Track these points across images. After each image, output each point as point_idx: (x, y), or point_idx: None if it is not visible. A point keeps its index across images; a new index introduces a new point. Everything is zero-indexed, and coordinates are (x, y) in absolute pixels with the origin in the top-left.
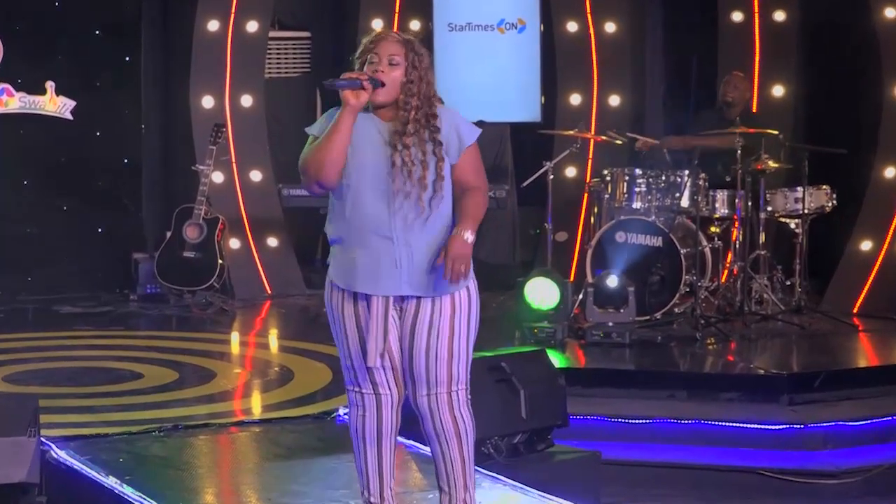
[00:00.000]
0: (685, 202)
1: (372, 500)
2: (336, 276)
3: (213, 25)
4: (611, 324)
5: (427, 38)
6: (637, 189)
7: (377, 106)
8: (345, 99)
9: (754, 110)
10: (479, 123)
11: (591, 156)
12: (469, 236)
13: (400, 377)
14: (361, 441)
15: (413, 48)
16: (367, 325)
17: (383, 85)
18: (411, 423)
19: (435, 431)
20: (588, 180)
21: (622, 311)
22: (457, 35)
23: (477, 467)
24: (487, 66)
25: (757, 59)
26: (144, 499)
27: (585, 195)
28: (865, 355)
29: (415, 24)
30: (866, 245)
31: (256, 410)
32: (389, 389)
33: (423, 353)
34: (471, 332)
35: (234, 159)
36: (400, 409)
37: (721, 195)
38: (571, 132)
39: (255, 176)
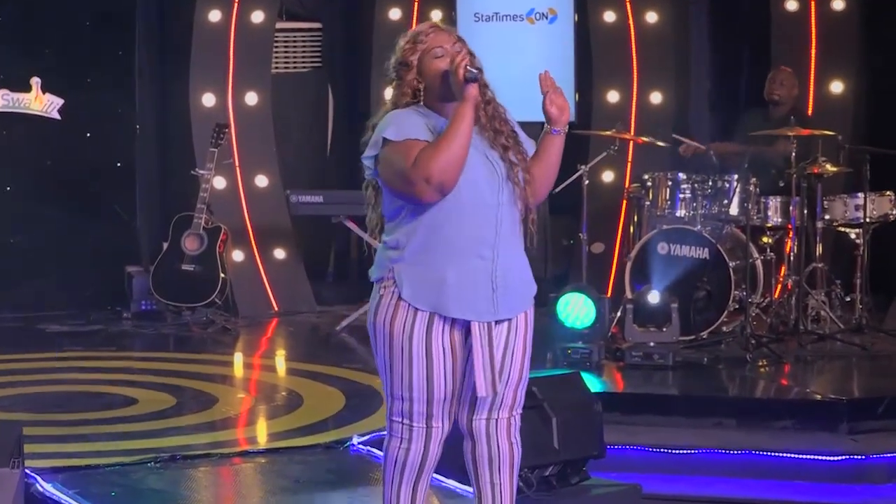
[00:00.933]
0: (734, 210)
1: None
2: (415, 297)
3: (215, 16)
4: (652, 344)
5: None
6: (681, 195)
7: (442, 104)
8: (468, 92)
9: (810, 108)
10: None
11: (630, 159)
12: None
13: (455, 406)
14: (399, 475)
15: (458, 36)
16: (443, 355)
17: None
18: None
19: (489, 457)
20: (627, 186)
21: (665, 329)
22: (482, 26)
23: None
24: (516, 60)
25: (813, 51)
26: None
27: (624, 202)
28: None
29: (436, 14)
30: None
31: (262, 439)
32: (442, 422)
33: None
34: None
35: (237, 163)
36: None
37: (774, 202)
38: (608, 133)
39: (261, 181)
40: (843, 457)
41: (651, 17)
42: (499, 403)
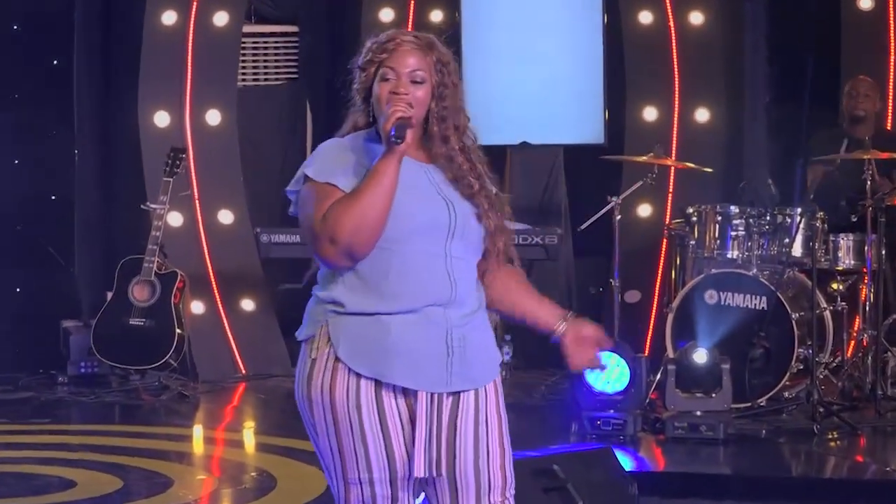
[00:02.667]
0: (798, 250)
1: None
2: (353, 358)
3: (169, 17)
4: (699, 413)
5: (453, 34)
6: (733, 233)
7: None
8: (394, 147)
9: (888, 127)
10: (523, 146)
11: (671, 189)
12: None
13: (437, 495)
14: None
15: (439, 56)
16: (399, 425)
17: (411, 122)
18: None
19: None
20: (667, 221)
21: (714, 395)
22: (492, 31)
23: None
24: (533, 72)
25: (893, 58)
26: None
27: (664, 241)
28: None
29: (436, 15)
30: None
31: None
32: None
33: (471, 452)
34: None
35: (196, 195)
36: None
37: (845, 241)
38: (645, 158)
39: (225, 217)
40: None
41: (696, 17)
42: (486, 485)
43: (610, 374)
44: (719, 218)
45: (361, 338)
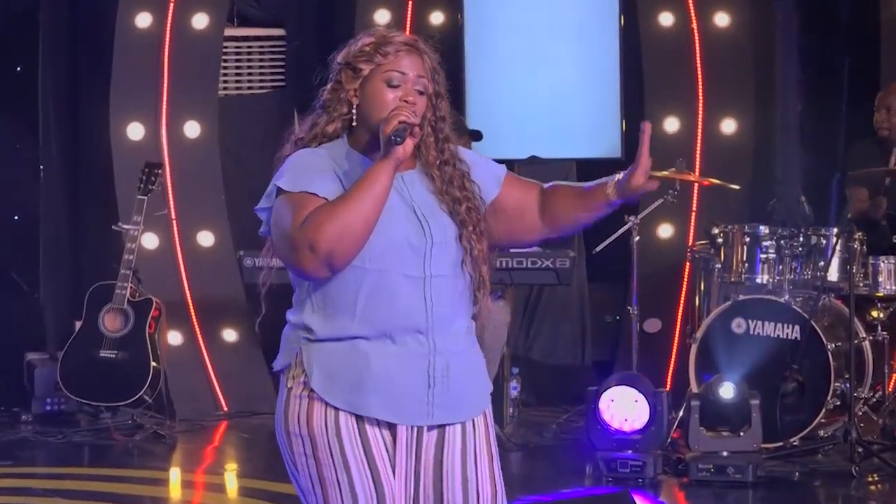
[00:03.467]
0: (834, 275)
1: None
2: (327, 389)
3: (144, 20)
4: (726, 453)
5: (455, 38)
6: (763, 256)
7: (373, 145)
8: (393, 151)
9: None
10: (532, 161)
11: (694, 207)
12: None
13: None
14: None
15: (432, 61)
16: (384, 453)
17: (414, 126)
18: None
19: None
20: (691, 243)
21: (742, 434)
22: (497, 36)
23: None
24: (543, 79)
25: None
26: None
27: (687, 265)
28: None
29: (437, 17)
30: None
31: None
32: None
33: (460, 493)
34: None
35: (174, 215)
36: None
37: (886, 264)
38: (666, 173)
39: (205, 239)
40: None
41: (721, 18)
42: None
43: (628, 412)
44: (747, 239)
45: (335, 367)
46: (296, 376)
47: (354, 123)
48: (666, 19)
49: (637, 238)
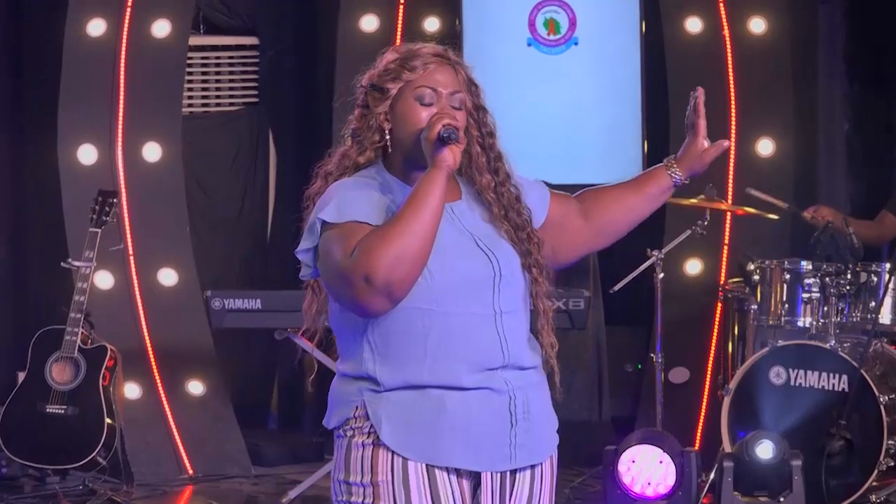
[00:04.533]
0: (887, 317)
1: None
2: (400, 441)
3: (97, 28)
4: None
5: (453, 48)
6: (805, 295)
7: (411, 169)
8: (441, 155)
9: None
10: None
11: (726, 240)
12: None
13: None
14: None
15: (467, 73)
16: None
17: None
18: None
19: None
20: (723, 281)
21: (782, 500)
22: (498, 48)
23: None
24: (553, 94)
25: None
26: None
27: (718, 306)
28: None
29: (432, 23)
30: None
31: None
32: None
33: None
34: None
35: (131, 250)
36: None
37: None
38: (694, 201)
39: (167, 277)
40: None
41: (757, 24)
42: None
43: (651, 474)
44: (788, 276)
45: (409, 417)
46: (358, 427)
47: (389, 150)
48: (693, 25)
49: (661, 275)
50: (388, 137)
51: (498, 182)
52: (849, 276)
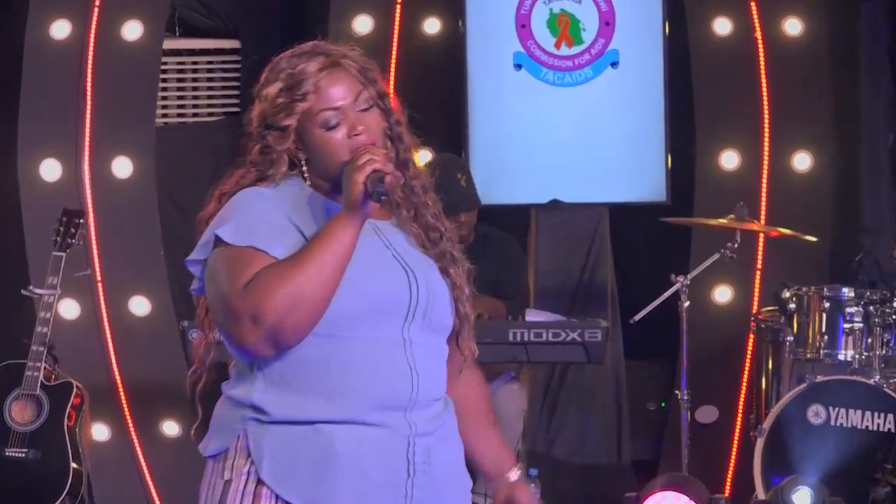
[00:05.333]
0: None
1: None
2: (280, 481)
3: (61, 30)
4: None
5: (455, 52)
6: (847, 325)
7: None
8: (364, 208)
9: None
10: (553, 206)
11: (759, 265)
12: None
13: None
14: None
15: (362, 65)
16: None
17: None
18: None
19: None
20: (755, 310)
21: None
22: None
23: None
24: (566, 103)
25: None
26: None
27: (750, 338)
28: None
29: (432, 25)
30: None
31: None
32: None
33: None
34: None
35: (99, 276)
36: None
37: None
38: (723, 221)
39: (139, 306)
40: None
41: (792, 25)
42: None
43: None
44: (827, 304)
45: (294, 454)
46: (237, 465)
47: (306, 177)
48: (722, 26)
49: (687, 303)
50: (304, 168)
51: (407, 177)
52: (895, 304)
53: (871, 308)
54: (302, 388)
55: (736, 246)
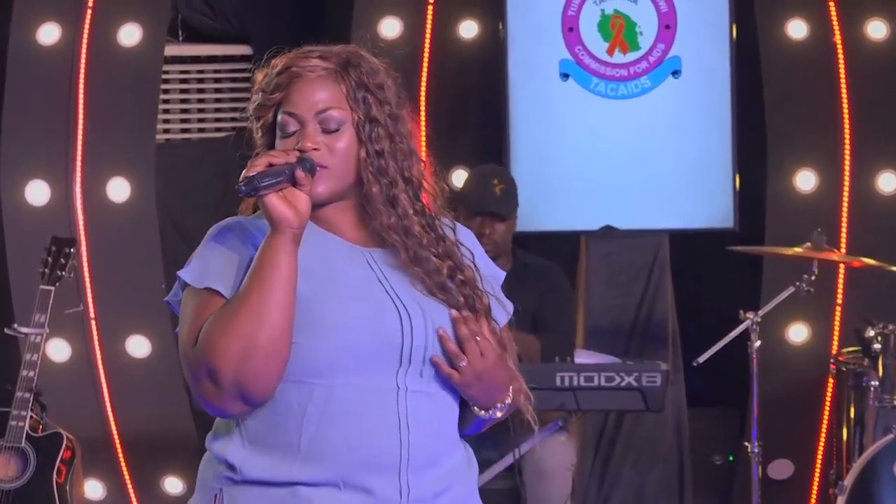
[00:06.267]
0: None
1: None
2: None
3: (49, 34)
4: None
5: (494, 58)
6: None
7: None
8: (273, 210)
9: None
10: (606, 233)
11: (839, 299)
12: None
13: None
14: None
15: (359, 75)
16: None
17: (324, 167)
18: None
19: None
20: (835, 351)
21: None
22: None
23: None
24: (620, 117)
25: None
26: None
27: (830, 382)
28: None
29: (468, 28)
30: None
31: None
32: None
33: None
34: None
35: (92, 314)
36: None
37: None
38: (798, 250)
39: (138, 347)
40: None
41: (876, 29)
42: None
43: None
44: None
45: None
46: None
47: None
48: (797, 30)
49: (758, 343)
50: None
51: (398, 216)
52: None
53: None
54: (278, 445)
55: (813, 278)
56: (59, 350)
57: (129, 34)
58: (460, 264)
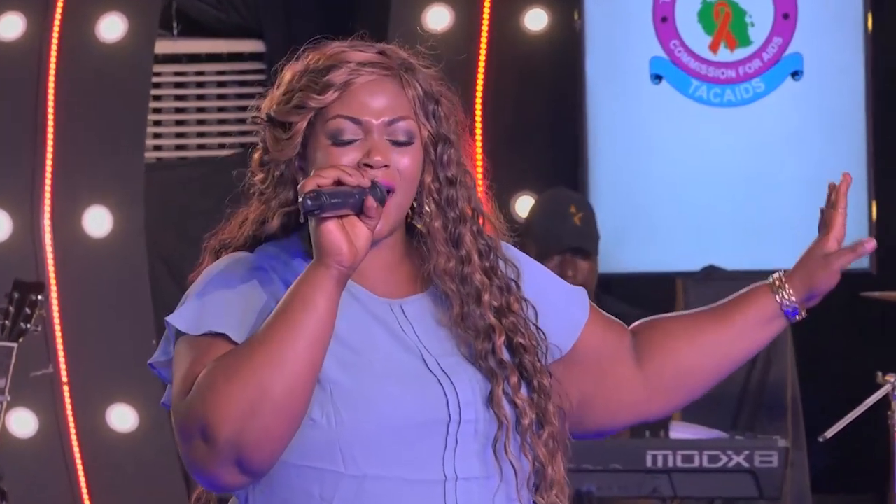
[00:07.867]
0: None
1: None
2: None
3: (11, 27)
4: None
5: (569, 56)
6: None
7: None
8: (326, 237)
9: None
10: (709, 274)
11: None
12: None
13: None
14: None
15: (425, 83)
16: None
17: (391, 192)
18: None
19: None
20: None
21: None
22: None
23: None
24: (725, 132)
25: None
26: None
27: None
28: None
29: (536, 18)
30: None
31: None
32: None
33: None
34: None
35: (65, 376)
36: None
37: None
38: None
39: (122, 419)
40: None
41: None
42: None
43: None
44: None
45: None
46: None
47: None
48: None
49: None
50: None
51: (459, 259)
52: None
53: None
54: None
55: None
56: (22, 422)
57: (111, 27)
58: (523, 325)
